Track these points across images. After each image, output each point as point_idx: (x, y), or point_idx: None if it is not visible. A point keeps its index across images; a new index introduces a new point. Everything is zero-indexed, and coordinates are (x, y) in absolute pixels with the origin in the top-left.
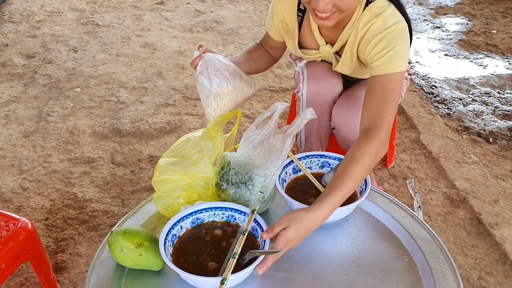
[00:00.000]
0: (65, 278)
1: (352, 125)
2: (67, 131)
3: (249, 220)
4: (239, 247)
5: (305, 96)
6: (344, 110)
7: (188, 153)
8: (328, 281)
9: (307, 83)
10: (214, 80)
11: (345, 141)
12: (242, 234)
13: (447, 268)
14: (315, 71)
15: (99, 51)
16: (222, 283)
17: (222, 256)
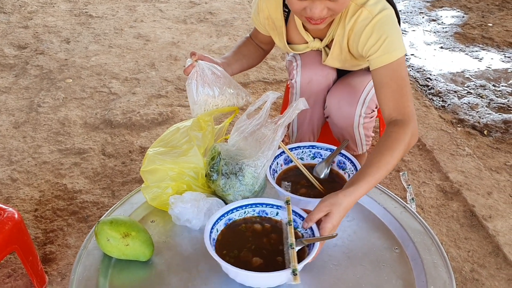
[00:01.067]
0: (54, 270)
1: (346, 113)
2: (58, 122)
3: (288, 211)
4: (292, 237)
5: (299, 83)
6: (338, 97)
7: (177, 143)
8: (318, 272)
9: (300, 70)
10: (200, 91)
11: (338, 130)
12: (289, 225)
13: (439, 260)
14: (309, 58)
15: (92, 42)
16: (295, 274)
17: (264, 252)
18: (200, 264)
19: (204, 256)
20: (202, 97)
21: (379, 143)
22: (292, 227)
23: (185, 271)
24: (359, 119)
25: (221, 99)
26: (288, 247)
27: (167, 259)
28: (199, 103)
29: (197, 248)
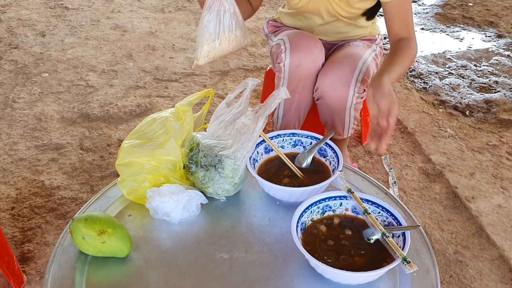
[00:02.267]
0: (32, 269)
1: (341, 93)
2: (34, 117)
3: (357, 200)
4: (379, 226)
5: (288, 67)
6: (332, 78)
7: (154, 135)
8: (300, 262)
9: (289, 53)
10: (222, 23)
11: (329, 112)
12: (367, 214)
13: (422, 246)
14: (298, 41)
15: (68, 35)
16: (408, 262)
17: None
18: (179, 258)
19: (183, 250)
20: (222, 30)
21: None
22: (372, 215)
23: (164, 266)
24: (352, 99)
25: (235, 35)
26: (381, 238)
27: (146, 254)
28: (217, 34)
29: (175, 242)
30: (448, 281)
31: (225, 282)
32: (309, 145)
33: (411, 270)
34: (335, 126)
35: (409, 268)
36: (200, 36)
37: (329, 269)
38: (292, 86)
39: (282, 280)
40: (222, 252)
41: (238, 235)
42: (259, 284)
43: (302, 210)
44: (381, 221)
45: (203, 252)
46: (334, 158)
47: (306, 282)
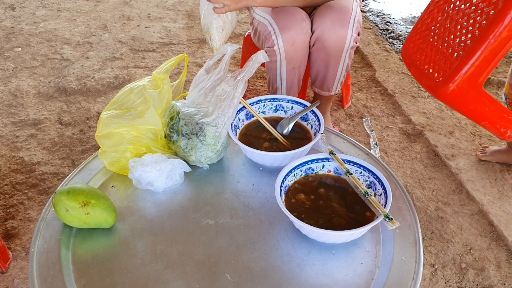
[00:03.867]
0: (17, 245)
1: (341, 33)
2: (10, 93)
3: (339, 162)
4: (361, 185)
5: (283, 48)
6: (331, 18)
7: (132, 104)
8: (285, 225)
9: (280, 34)
10: None
11: (325, 57)
12: (349, 174)
13: (403, 203)
14: (284, 19)
15: (39, 7)
16: (390, 219)
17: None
18: (165, 226)
19: (168, 218)
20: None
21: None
22: (353, 175)
23: (151, 234)
24: (350, 40)
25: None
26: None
27: (131, 224)
28: (217, 25)
29: (161, 210)
30: (430, 237)
31: (212, 247)
32: (290, 109)
33: (393, 226)
34: (326, 79)
35: (391, 224)
36: (206, 28)
37: (314, 229)
38: (292, 64)
39: (269, 242)
40: (207, 219)
41: (222, 201)
42: (246, 247)
43: (285, 173)
44: (363, 181)
45: (188, 219)
46: (315, 122)
47: (291, 243)
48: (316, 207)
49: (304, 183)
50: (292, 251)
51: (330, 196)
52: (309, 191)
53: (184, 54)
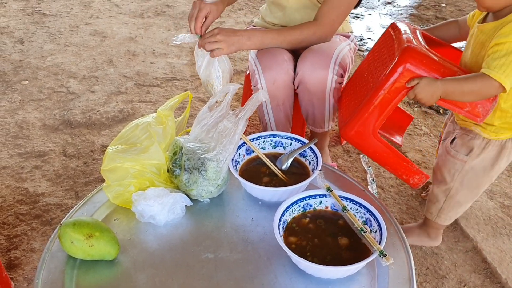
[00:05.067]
0: (19, 275)
1: (321, 75)
2: (16, 125)
3: (336, 198)
4: (357, 222)
5: (265, 86)
6: (311, 61)
7: (137, 140)
8: (283, 260)
9: (262, 73)
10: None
11: (310, 98)
12: (345, 211)
13: (397, 240)
14: (266, 60)
15: (47, 42)
16: (385, 255)
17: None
18: (166, 259)
19: (169, 251)
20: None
21: None
22: (350, 212)
23: (152, 267)
24: (331, 82)
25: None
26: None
27: (133, 257)
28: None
29: (162, 243)
30: (425, 272)
31: (212, 281)
32: (289, 145)
33: (387, 262)
34: (315, 117)
35: (386, 260)
36: (206, 80)
37: (311, 264)
38: (275, 102)
39: (267, 277)
40: (207, 252)
41: (222, 235)
42: (245, 282)
43: (283, 209)
44: (359, 218)
45: (189, 253)
46: (313, 158)
47: (289, 278)
48: (313, 242)
49: (302, 218)
50: (289, 286)
51: (327, 232)
52: (306, 227)
53: (188, 92)
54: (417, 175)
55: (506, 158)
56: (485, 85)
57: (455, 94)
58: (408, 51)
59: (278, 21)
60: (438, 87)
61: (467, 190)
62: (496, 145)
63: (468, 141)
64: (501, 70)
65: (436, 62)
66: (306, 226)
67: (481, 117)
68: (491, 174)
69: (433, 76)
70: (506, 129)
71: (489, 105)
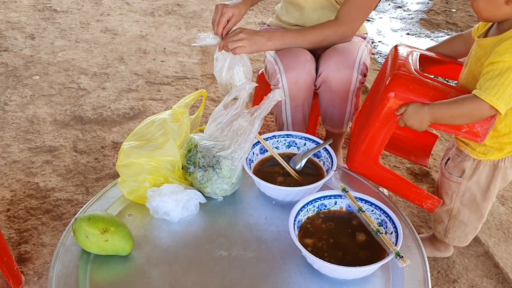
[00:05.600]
0: (30, 269)
1: (346, 75)
2: (27, 120)
3: (352, 199)
4: (373, 223)
5: (287, 86)
6: (336, 61)
7: (152, 136)
8: (297, 259)
9: (284, 73)
10: (233, 64)
11: (332, 97)
12: (361, 212)
13: (412, 242)
14: (289, 60)
15: (58, 38)
16: (401, 257)
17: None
18: (180, 256)
19: (183, 248)
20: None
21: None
22: (365, 213)
23: (166, 264)
24: (356, 82)
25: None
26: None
27: (147, 253)
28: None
29: (176, 240)
30: (436, 276)
31: (225, 279)
32: (303, 146)
33: (404, 264)
34: (334, 118)
35: (402, 262)
36: (229, 83)
37: (327, 264)
38: (295, 102)
39: (280, 276)
40: (221, 250)
41: (236, 233)
42: (258, 280)
43: (298, 208)
44: (375, 219)
45: (202, 250)
46: (327, 159)
47: (303, 278)
48: (328, 243)
49: (316, 219)
50: (304, 285)
51: (343, 233)
52: (321, 227)
53: (202, 90)
54: (429, 199)
55: (501, 178)
56: (476, 108)
57: (444, 118)
58: (394, 79)
59: (294, 21)
60: (425, 112)
61: (469, 211)
62: (488, 166)
63: (459, 163)
64: (493, 92)
65: (425, 86)
66: (321, 226)
67: (481, 137)
68: (489, 195)
69: (422, 101)
70: (495, 149)
71: (487, 123)
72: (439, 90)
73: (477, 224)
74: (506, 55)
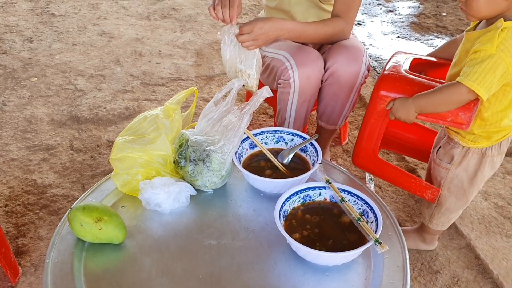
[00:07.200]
0: (27, 261)
1: (354, 69)
2: (25, 120)
3: (335, 190)
4: (354, 212)
5: (298, 82)
6: (346, 56)
7: (145, 131)
8: (283, 248)
9: (297, 69)
10: (245, 51)
11: (337, 91)
12: (344, 202)
13: (393, 232)
14: (301, 56)
15: (55, 41)
16: (380, 243)
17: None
18: (171, 245)
19: (174, 238)
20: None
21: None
22: (348, 203)
23: (157, 252)
24: (362, 77)
25: None
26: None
27: (139, 242)
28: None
29: (167, 230)
30: (419, 268)
31: (214, 266)
32: (290, 141)
33: (382, 250)
34: (333, 113)
35: (381, 248)
36: (241, 69)
37: (310, 250)
38: (303, 97)
39: (267, 263)
40: (210, 239)
41: (225, 223)
42: (246, 267)
43: (284, 199)
44: (357, 209)
45: (192, 239)
46: (314, 153)
47: (288, 265)
48: (312, 231)
49: (302, 208)
50: (288, 272)
51: (326, 222)
52: (306, 217)
53: (194, 87)
54: (429, 189)
55: (488, 165)
56: (454, 92)
57: (427, 107)
58: (382, 79)
59: None
60: (410, 104)
61: (455, 198)
62: (476, 153)
63: (449, 150)
64: (474, 78)
65: (410, 83)
66: (305, 216)
67: (465, 124)
68: (476, 182)
69: (408, 95)
70: (484, 138)
71: (470, 111)
72: (423, 85)
73: (460, 210)
74: (488, 44)
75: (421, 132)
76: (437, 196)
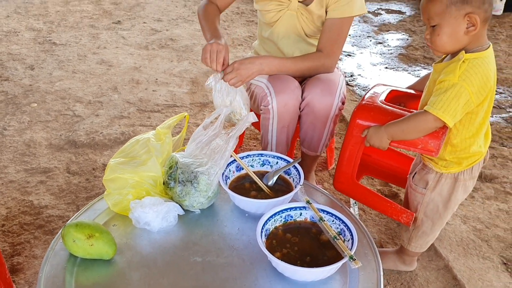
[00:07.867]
0: (21, 279)
1: (328, 101)
2: (24, 143)
3: (315, 210)
4: (331, 231)
5: (276, 108)
6: (321, 88)
7: (137, 154)
8: (264, 265)
9: (275, 96)
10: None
11: (313, 120)
12: (322, 221)
13: (369, 250)
14: (279, 85)
15: (56, 68)
16: (354, 259)
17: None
18: (158, 261)
19: (161, 254)
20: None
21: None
22: (326, 222)
23: (145, 268)
24: (335, 109)
25: None
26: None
27: (128, 258)
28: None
29: (155, 247)
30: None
31: (199, 281)
32: (275, 164)
33: (356, 266)
34: (313, 140)
35: (355, 264)
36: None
37: (287, 266)
38: (282, 123)
39: (249, 279)
40: (196, 256)
41: (210, 242)
42: (228, 283)
43: (266, 218)
44: (334, 228)
45: (179, 256)
46: (297, 176)
47: (269, 281)
48: (292, 249)
49: (283, 227)
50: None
51: (305, 240)
52: (286, 236)
53: (185, 113)
54: (404, 213)
55: (461, 189)
56: (421, 120)
57: (397, 134)
58: (359, 108)
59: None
60: (382, 132)
61: (431, 221)
62: (449, 178)
63: (424, 175)
64: (439, 106)
65: (384, 112)
66: (285, 235)
67: (435, 151)
68: (450, 205)
69: (381, 124)
70: (455, 163)
71: (439, 139)
72: (396, 114)
73: (437, 232)
74: (451, 75)
75: (400, 159)
76: (412, 220)
